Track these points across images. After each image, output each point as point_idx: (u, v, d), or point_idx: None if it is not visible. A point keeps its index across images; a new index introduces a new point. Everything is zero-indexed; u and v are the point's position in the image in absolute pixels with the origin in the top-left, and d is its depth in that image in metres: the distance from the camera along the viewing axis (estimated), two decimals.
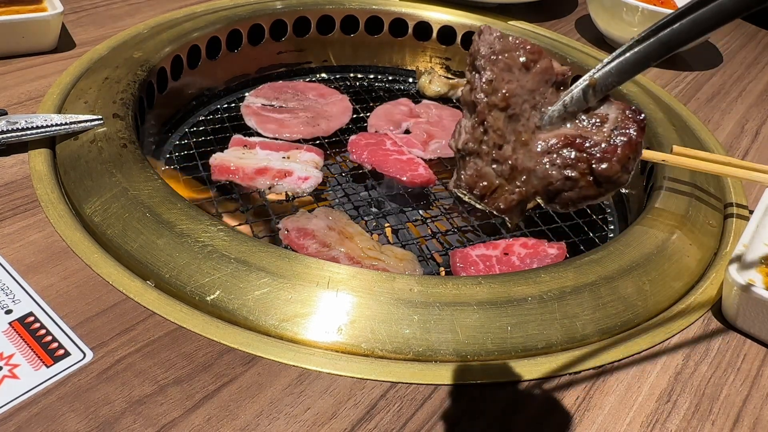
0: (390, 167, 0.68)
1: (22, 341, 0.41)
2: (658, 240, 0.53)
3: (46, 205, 0.51)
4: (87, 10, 0.81)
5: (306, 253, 0.54)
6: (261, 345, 0.42)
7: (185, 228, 0.48)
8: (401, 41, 0.90)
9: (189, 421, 0.37)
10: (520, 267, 0.57)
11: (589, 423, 0.40)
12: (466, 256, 0.58)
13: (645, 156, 0.57)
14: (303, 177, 0.64)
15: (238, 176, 0.64)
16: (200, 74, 0.77)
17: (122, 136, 0.57)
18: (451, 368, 0.43)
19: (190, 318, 0.43)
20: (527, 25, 0.91)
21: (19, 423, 0.36)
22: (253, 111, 0.76)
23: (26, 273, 0.45)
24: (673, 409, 0.42)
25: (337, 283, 0.45)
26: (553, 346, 0.45)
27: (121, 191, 0.51)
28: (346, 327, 0.44)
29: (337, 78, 0.89)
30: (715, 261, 0.55)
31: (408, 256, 0.56)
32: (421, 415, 0.39)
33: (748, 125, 0.77)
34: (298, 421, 0.38)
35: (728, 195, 0.63)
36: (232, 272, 0.45)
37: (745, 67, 0.92)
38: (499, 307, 0.45)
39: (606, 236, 0.66)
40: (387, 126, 0.77)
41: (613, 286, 0.49)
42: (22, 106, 0.62)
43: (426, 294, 0.45)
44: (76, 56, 0.71)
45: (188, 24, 0.77)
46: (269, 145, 0.69)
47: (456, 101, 0.86)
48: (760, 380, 0.45)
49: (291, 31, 0.85)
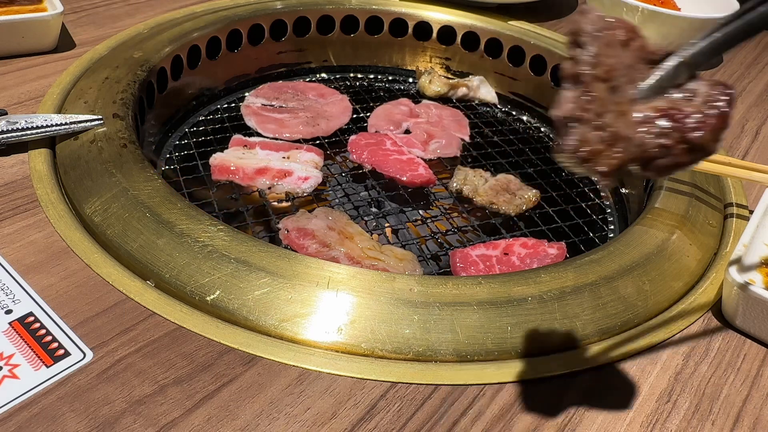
0: (390, 167, 0.68)
1: (22, 341, 0.41)
2: (658, 240, 0.53)
3: (46, 205, 0.51)
4: (87, 10, 0.81)
5: (306, 253, 0.54)
6: (261, 345, 0.42)
7: (185, 228, 0.48)
8: (401, 41, 0.90)
9: (189, 421, 0.37)
10: (520, 267, 0.57)
11: (589, 423, 0.40)
12: (466, 256, 0.58)
13: None
14: (303, 177, 0.64)
15: (238, 176, 0.64)
16: (200, 74, 0.77)
17: (122, 136, 0.57)
18: (451, 368, 0.43)
19: (190, 318, 0.43)
20: (527, 25, 0.91)
21: (19, 423, 0.36)
22: (253, 111, 0.76)
23: (26, 273, 0.45)
24: (673, 409, 0.42)
25: (337, 283, 0.45)
26: (553, 346, 0.45)
27: (121, 191, 0.51)
28: (346, 327, 0.44)
29: (337, 78, 0.89)
30: (715, 261, 0.55)
31: (408, 256, 0.56)
32: (421, 415, 0.39)
33: (748, 125, 0.77)
34: (298, 421, 0.38)
35: (728, 195, 0.63)
36: (232, 272, 0.45)
37: (745, 67, 0.92)
38: (499, 307, 0.45)
39: (606, 236, 0.66)
40: (387, 126, 0.77)
41: (613, 286, 0.49)
42: (22, 106, 0.63)
43: (426, 294, 0.45)
44: (76, 56, 0.71)
45: (188, 24, 0.77)
46: (269, 145, 0.69)
47: (456, 101, 0.86)
48: (760, 380, 0.45)
49: (291, 31, 0.85)
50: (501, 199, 0.66)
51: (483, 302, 0.45)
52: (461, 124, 0.79)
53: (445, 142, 0.75)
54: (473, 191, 0.67)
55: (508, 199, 0.67)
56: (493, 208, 0.66)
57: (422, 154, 0.72)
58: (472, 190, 0.68)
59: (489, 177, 0.69)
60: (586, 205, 0.70)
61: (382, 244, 0.58)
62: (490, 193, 0.67)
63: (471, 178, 0.68)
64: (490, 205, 0.66)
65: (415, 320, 0.44)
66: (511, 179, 0.69)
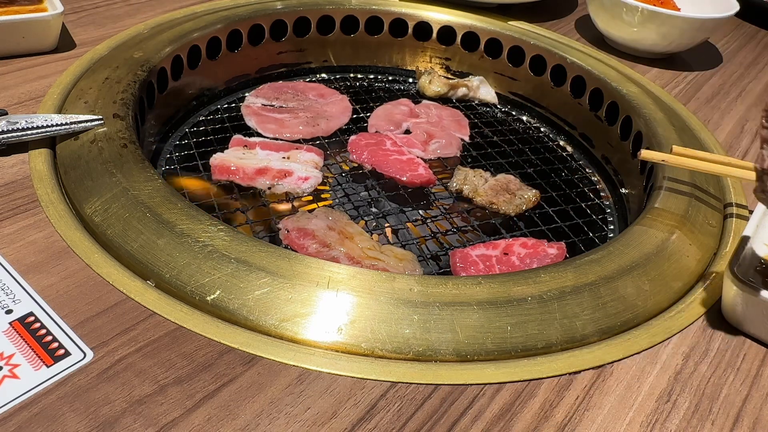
0: (390, 167, 0.68)
1: (23, 341, 0.41)
2: (657, 240, 0.53)
3: (47, 205, 0.51)
4: (87, 10, 0.81)
5: (306, 253, 0.54)
6: (261, 345, 0.42)
7: (185, 228, 0.48)
8: (401, 41, 0.90)
9: (189, 421, 0.37)
10: (520, 267, 0.57)
11: (589, 423, 0.40)
12: (466, 256, 0.58)
13: (644, 156, 0.57)
14: (303, 177, 0.64)
15: (239, 176, 0.64)
16: (200, 74, 0.77)
17: (122, 136, 0.57)
18: (451, 368, 0.43)
19: (190, 318, 0.43)
20: (527, 25, 0.91)
21: (20, 423, 0.36)
22: (254, 111, 0.76)
23: (26, 273, 0.45)
24: (673, 408, 0.42)
25: (337, 283, 0.45)
26: (553, 346, 0.45)
27: (122, 191, 0.51)
28: (346, 327, 0.44)
29: (337, 78, 0.89)
30: (715, 261, 0.55)
31: (408, 256, 0.56)
32: (421, 415, 0.39)
33: (747, 125, 0.77)
34: (298, 421, 0.38)
35: (728, 195, 0.63)
36: (232, 272, 0.45)
37: (744, 67, 0.92)
38: (499, 307, 0.45)
39: (606, 236, 0.66)
40: (387, 126, 0.77)
41: (613, 286, 0.49)
42: (22, 106, 0.63)
43: (426, 294, 0.45)
44: (76, 56, 0.71)
45: (188, 24, 0.77)
46: (269, 145, 0.69)
47: (456, 101, 0.86)
48: (760, 380, 0.45)
49: (291, 31, 0.85)
50: (501, 199, 0.67)
51: (483, 302, 0.45)
52: (461, 124, 0.79)
53: (444, 142, 0.75)
54: (473, 191, 0.67)
55: (507, 199, 0.67)
56: (493, 208, 0.66)
57: (422, 154, 0.73)
58: (471, 190, 0.68)
59: (489, 177, 0.69)
60: (585, 205, 0.70)
61: (382, 244, 0.58)
62: (490, 193, 0.67)
63: (471, 178, 0.68)
64: (490, 206, 0.66)
65: (415, 320, 0.44)
66: (511, 179, 0.69)
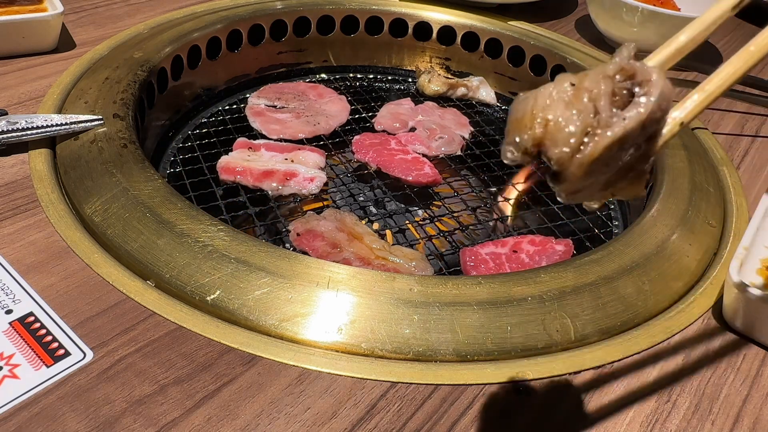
0: (395, 167, 0.68)
1: (23, 341, 0.41)
2: (658, 240, 0.53)
3: (47, 205, 0.51)
4: (87, 10, 0.81)
5: (317, 256, 0.54)
6: (261, 345, 0.42)
7: (185, 228, 0.48)
8: (401, 41, 0.90)
9: (189, 421, 0.37)
10: (529, 264, 0.57)
11: (589, 423, 0.40)
12: (476, 254, 0.58)
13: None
14: (309, 178, 0.64)
15: (245, 178, 0.64)
16: (200, 74, 0.77)
17: (122, 136, 0.57)
18: (451, 368, 0.43)
19: (190, 318, 0.43)
20: (527, 25, 0.91)
21: (20, 423, 0.36)
22: (257, 112, 0.76)
23: (26, 273, 0.45)
24: (673, 408, 0.42)
25: (337, 283, 0.45)
26: (553, 346, 0.45)
27: (122, 191, 0.51)
28: (346, 327, 0.44)
29: (337, 78, 0.89)
30: (715, 261, 0.55)
31: (417, 256, 0.56)
32: (421, 415, 0.39)
33: (747, 125, 0.77)
34: (298, 421, 0.38)
35: (728, 195, 0.63)
36: (232, 272, 0.45)
37: None
38: (499, 307, 0.45)
39: (611, 232, 0.66)
40: (394, 125, 0.77)
41: (613, 286, 0.49)
42: (22, 106, 0.63)
43: (426, 294, 0.45)
44: (76, 56, 0.71)
45: (188, 24, 0.77)
46: (273, 146, 0.69)
47: (455, 100, 0.86)
48: (760, 380, 0.45)
49: (291, 31, 0.85)
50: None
51: (483, 302, 0.45)
52: (462, 122, 0.80)
53: (447, 138, 0.75)
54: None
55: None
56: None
57: (426, 151, 0.73)
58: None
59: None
60: None
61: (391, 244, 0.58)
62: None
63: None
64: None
65: (415, 320, 0.44)
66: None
